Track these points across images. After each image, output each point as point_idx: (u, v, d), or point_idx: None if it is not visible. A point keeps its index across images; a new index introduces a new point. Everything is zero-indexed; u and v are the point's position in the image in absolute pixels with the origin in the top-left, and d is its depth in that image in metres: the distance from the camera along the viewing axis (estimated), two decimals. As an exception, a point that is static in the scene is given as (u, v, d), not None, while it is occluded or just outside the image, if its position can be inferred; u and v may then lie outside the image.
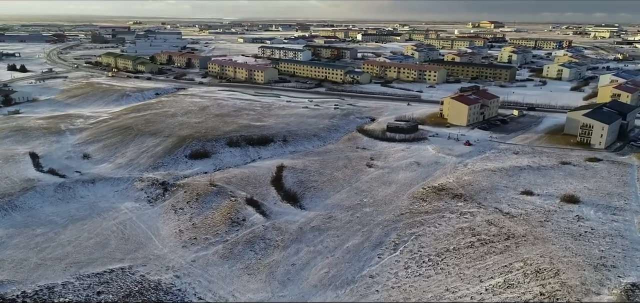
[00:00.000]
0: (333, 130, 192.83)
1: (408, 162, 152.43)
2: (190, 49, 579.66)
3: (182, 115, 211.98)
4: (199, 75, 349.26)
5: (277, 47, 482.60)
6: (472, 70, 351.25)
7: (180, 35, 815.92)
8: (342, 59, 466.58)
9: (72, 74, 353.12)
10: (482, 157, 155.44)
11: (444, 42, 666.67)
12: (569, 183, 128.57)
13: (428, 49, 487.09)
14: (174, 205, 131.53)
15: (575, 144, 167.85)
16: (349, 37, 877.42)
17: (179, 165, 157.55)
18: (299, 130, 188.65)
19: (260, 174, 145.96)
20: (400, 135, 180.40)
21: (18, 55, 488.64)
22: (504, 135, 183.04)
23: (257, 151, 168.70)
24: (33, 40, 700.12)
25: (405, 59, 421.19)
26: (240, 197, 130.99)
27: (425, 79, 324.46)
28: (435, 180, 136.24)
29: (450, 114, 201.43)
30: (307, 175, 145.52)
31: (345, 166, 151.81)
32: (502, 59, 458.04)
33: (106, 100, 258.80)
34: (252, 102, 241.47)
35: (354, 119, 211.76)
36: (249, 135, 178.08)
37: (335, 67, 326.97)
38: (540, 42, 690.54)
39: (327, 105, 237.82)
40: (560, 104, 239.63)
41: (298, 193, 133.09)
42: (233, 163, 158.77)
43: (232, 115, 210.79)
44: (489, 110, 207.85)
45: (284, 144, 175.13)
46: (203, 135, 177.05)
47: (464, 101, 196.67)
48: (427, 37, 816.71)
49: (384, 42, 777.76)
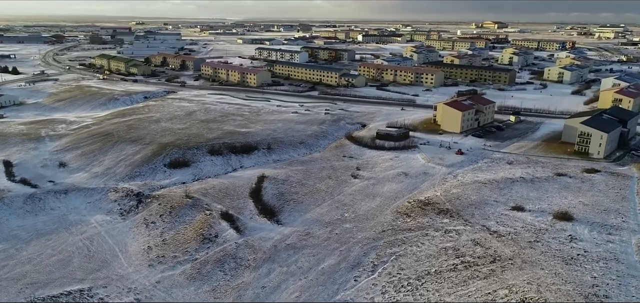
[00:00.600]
0: (321, 137, 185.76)
1: (395, 173, 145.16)
2: (188, 50, 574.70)
3: (166, 120, 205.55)
4: (191, 77, 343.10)
5: (273, 49, 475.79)
6: (471, 73, 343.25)
7: (180, 36, 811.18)
8: (339, 61, 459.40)
9: (63, 77, 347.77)
10: (473, 168, 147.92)
11: (445, 43, 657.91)
12: (563, 198, 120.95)
13: (427, 51, 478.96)
14: (146, 219, 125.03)
15: (572, 153, 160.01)
16: (350, 38, 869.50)
17: (156, 174, 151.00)
18: (286, 137, 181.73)
19: (239, 185, 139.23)
20: (390, 143, 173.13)
21: (13, 57, 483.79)
22: (498, 143, 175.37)
23: (240, 159, 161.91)
24: (31, 41, 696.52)
25: (403, 61, 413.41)
26: (216, 210, 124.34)
27: (422, 81, 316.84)
28: (422, 193, 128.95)
29: (443, 120, 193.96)
30: (288, 186, 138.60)
31: (329, 177, 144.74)
32: (502, 60, 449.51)
33: (93, 104, 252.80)
34: (241, 107, 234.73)
35: (344, 124, 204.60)
36: (233, 142, 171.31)
37: (330, 70, 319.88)
38: (543, 43, 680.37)
39: (318, 110, 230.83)
40: (559, 109, 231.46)
41: (276, 207, 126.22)
42: (213, 173, 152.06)
43: (218, 121, 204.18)
44: (484, 116, 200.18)
45: (268, 151, 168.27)
46: (185, 143, 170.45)
47: (457, 107, 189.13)
48: (428, 38, 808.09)
49: (384, 43, 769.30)
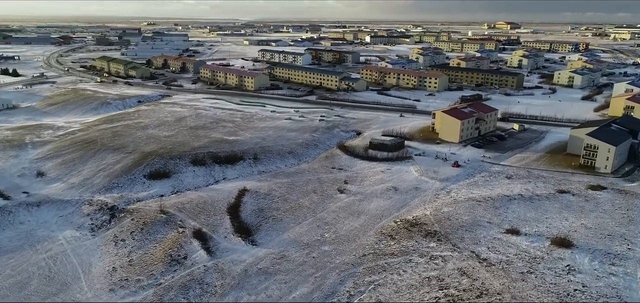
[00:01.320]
0: (312, 146, 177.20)
1: (385, 187, 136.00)
2: (192, 52, 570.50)
3: (154, 127, 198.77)
4: (190, 80, 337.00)
5: (276, 51, 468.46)
6: (477, 77, 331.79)
7: (187, 37, 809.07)
8: (343, 63, 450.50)
9: (61, 79, 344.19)
10: (469, 182, 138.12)
11: (454, 44, 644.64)
12: (563, 220, 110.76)
13: (433, 53, 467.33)
14: (116, 236, 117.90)
15: (577, 167, 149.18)
16: (358, 39, 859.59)
17: (135, 186, 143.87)
18: (275, 146, 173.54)
19: (218, 199, 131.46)
20: (383, 153, 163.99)
21: (17, 58, 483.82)
22: (499, 154, 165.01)
23: (223, 171, 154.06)
24: (39, 42, 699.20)
25: (408, 64, 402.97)
26: (189, 227, 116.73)
27: (425, 86, 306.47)
28: (411, 212, 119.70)
29: (441, 128, 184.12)
30: (269, 201, 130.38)
31: (315, 191, 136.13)
32: (511, 63, 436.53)
33: (85, 108, 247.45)
34: (234, 113, 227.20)
35: (338, 132, 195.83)
36: (217, 152, 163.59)
37: (330, 74, 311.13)
38: (556, 44, 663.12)
39: (313, 115, 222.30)
40: (567, 116, 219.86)
41: (254, 225, 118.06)
42: (194, 185, 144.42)
43: (207, 128, 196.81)
44: (485, 125, 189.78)
45: (254, 162, 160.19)
46: (168, 152, 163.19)
47: (456, 115, 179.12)
48: (437, 39, 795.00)
49: (393, 44, 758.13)
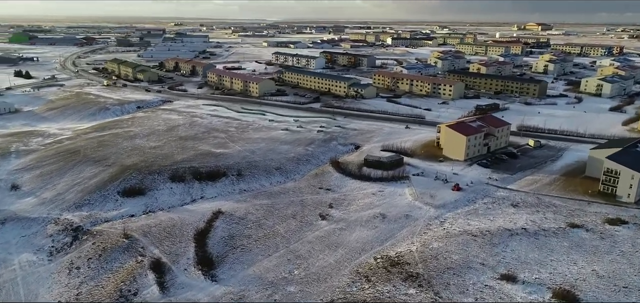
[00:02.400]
0: (303, 161, 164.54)
1: (372, 214, 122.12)
2: (209, 54, 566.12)
3: (143, 136, 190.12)
4: (197, 84, 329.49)
5: (290, 54, 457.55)
6: (496, 84, 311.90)
7: (207, 38, 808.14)
8: (358, 67, 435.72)
9: (70, 82, 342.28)
10: (467, 210, 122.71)
11: (478, 47, 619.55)
12: (572, 264, 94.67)
13: (453, 57, 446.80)
14: (72, 262, 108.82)
15: (596, 194, 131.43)
16: (379, 41, 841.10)
17: (106, 203, 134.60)
18: (263, 160, 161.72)
19: (189, 222, 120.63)
20: (378, 172, 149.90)
21: (36, 60, 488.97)
22: (507, 175, 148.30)
23: (203, 188, 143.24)
24: (63, 43, 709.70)
25: (425, 68, 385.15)
26: (149, 256, 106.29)
27: (439, 93, 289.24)
28: (395, 246, 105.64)
29: (446, 144, 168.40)
30: (242, 227, 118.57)
31: (294, 216, 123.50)
32: (537, 69, 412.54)
33: (83, 114, 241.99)
34: (230, 122, 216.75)
35: (335, 145, 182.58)
36: (199, 167, 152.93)
37: (339, 80, 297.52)
38: (587, 48, 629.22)
39: (313, 125, 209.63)
40: (590, 131, 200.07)
41: (220, 255, 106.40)
42: (168, 204, 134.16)
43: (197, 139, 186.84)
44: (495, 141, 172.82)
45: (237, 179, 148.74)
46: (148, 166, 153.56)
47: (461, 130, 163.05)
48: (462, 41, 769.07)
49: (414, 46, 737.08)
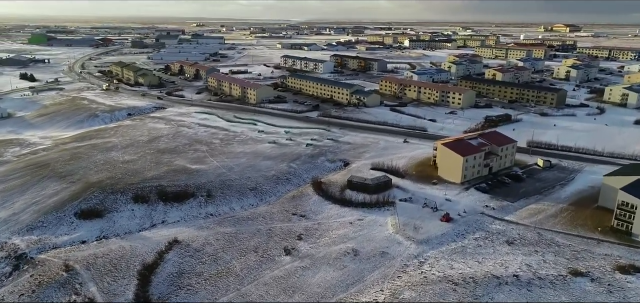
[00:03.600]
0: (283, 180, 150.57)
1: (344, 249, 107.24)
2: (219, 56, 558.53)
3: (121, 148, 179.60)
4: (197, 89, 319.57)
5: (298, 57, 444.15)
6: (511, 92, 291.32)
7: (222, 40, 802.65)
8: (369, 71, 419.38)
9: (71, 85, 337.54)
10: (454, 248, 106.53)
11: (498, 51, 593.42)
12: (567, 329, 77.80)
13: (469, 62, 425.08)
14: (4, 298, 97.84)
15: (608, 231, 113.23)
16: (397, 43, 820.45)
17: (60, 226, 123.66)
18: (239, 179, 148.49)
19: (140, 253, 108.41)
20: (362, 196, 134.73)
21: (47, 61, 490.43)
22: (507, 203, 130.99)
23: (166, 211, 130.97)
24: (80, 44, 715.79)
25: (437, 74, 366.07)
26: (84, 296, 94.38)
27: (448, 101, 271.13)
28: (361, 294, 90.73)
29: (441, 164, 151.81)
30: (197, 260, 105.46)
31: (256, 249, 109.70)
32: (558, 74, 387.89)
33: (71, 121, 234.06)
34: (217, 132, 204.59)
35: (322, 162, 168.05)
36: (167, 186, 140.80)
37: (341, 86, 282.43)
38: (616, 51, 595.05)
39: (304, 137, 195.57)
40: (610, 148, 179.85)
41: (160, 297, 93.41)
42: (124, 230, 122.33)
43: (176, 152, 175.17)
44: (498, 161, 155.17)
45: (206, 201, 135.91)
46: (114, 184, 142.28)
47: (458, 150, 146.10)
48: (483, 44, 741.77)
49: (433, 49, 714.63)
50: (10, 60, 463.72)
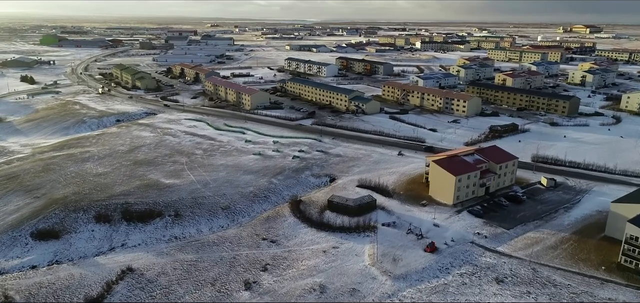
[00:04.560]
0: (261, 198, 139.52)
1: (310, 285, 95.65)
2: (225, 58, 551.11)
3: (97, 159, 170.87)
4: (194, 93, 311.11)
5: (302, 60, 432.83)
6: (520, 99, 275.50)
7: (232, 41, 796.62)
8: (374, 75, 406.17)
9: (69, 89, 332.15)
10: (435, 286, 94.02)
11: (511, 53, 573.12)
12: None
13: (479, 66, 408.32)
14: None
15: (614, 268, 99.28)
16: (409, 44, 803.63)
17: (13, 248, 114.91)
18: (213, 196, 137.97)
19: (88, 283, 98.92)
20: (341, 219, 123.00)
21: (52, 63, 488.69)
22: (502, 230, 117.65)
23: (128, 232, 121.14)
24: (89, 45, 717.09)
25: (444, 78, 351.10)
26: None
27: (452, 109, 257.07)
28: (319, 344, 78.78)
29: (433, 183, 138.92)
30: (147, 294, 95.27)
31: (215, 282, 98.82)
32: (573, 79, 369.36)
33: (57, 127, 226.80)
34: (202, 142, 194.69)
35: (306, 177, 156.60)
36: (133, 204, 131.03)
37: (339, 92, 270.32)
38: (637, 54, 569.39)
39: (293, 148, 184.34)
40: (623, 165, 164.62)
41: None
42: (80, 253, 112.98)
43: (153, 164, 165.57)
44: (496, 180, 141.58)
45: (173, 221, 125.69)
46: (79, 200, 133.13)
47: (450, 168, 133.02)
48: (497, 46, 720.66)
49: (445, 51, 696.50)
50: (15, 61, 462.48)
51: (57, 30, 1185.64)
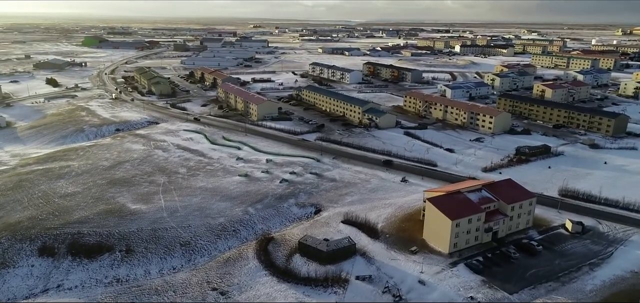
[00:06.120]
0: (228, 233, 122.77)
1: (244, 363, 77.28)
2: (255, 61, 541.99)
3: (73, 176, 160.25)
4: (204, 100, 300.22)
5: (326, 66, 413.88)
6: (557, 114, 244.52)
7: (266, 43, 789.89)
8: (401, 82, 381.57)
9: (87, 93, 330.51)
10: None
11: (558, 59, 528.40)
12: None
13: (517, 74, 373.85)
14: None
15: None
16: (448, 48, 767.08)
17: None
18: (175, 228, 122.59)
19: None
20: (308, 268, 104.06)
21: (84, 65, 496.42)
22: (503, 294, 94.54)
23: (69, 270, 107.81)
24: (126, 46, 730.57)
25: (476, 88, 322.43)
26: None
27: (477, 125, 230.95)
28: None
29: (428, 224, 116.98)
30: (53, 360, 79.94)
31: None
32: (625, 91, 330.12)
33: (56, 135, 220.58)
34: (191, 158, 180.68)
35: (289, 207, 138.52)
36: (84, 235, 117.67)
37: (354, 103, 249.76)
38: None
39: (285, 169, 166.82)
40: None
41: None
42: (9, 294, 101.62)
43: (128, 183, 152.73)
44: (507, 224, 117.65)
45: (123, 258, 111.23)
46: (30, 227, 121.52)
47: (448, 209, 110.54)
48: (544, 51, 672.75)
49: (486, 55, 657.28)
50: (47, 63, 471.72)
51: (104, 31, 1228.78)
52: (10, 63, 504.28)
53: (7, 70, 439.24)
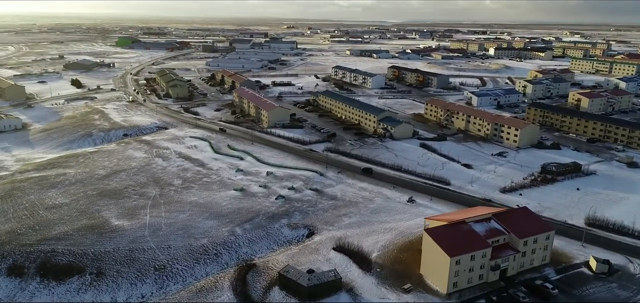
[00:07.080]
0: (209, 257, 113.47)
1: None
2: (279, 63, 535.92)
3: (65, 185, 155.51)
4: (219, 104, 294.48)
5: (349, 69, 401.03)
6: (593, 127, 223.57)
7: (295, 45, 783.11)
8: (427, 87, 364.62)
9: (106, 94, 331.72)
10: None
11: (600, 64, 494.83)
12: None
13: (551, 80, 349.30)
14: None
15: None
16: (482, 50, 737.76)
17: None
18: (154, 250, 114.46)
19: None
20: (289, 301, 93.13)
21: (112, 66, 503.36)
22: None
23: (36, 292, 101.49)
24: (157, 47, 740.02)
25: (505, 95, 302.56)
26: None
27: (501, 137, 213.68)
28: None
29: (425, 258, 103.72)
30: None
31: None
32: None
33: (64, 139, 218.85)
34: (190, 168, 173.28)
35: (280, 228, 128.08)
36: (56, 255, 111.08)
37: (370, 111, 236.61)
38: None
39: (284, 184, 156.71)
40: None
41: None
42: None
43: (118, 196, 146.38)
44: (519, 260, 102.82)
45: (91, 282, 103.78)
46: (7, 241, 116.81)
47: (447, 243, 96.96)
48: (586, 55, 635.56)
49: (522, 59, 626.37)
50: (76, 64, 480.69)
51: (141, 31, 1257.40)
52: (43, 63, 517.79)
53: (37, 71, 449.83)
